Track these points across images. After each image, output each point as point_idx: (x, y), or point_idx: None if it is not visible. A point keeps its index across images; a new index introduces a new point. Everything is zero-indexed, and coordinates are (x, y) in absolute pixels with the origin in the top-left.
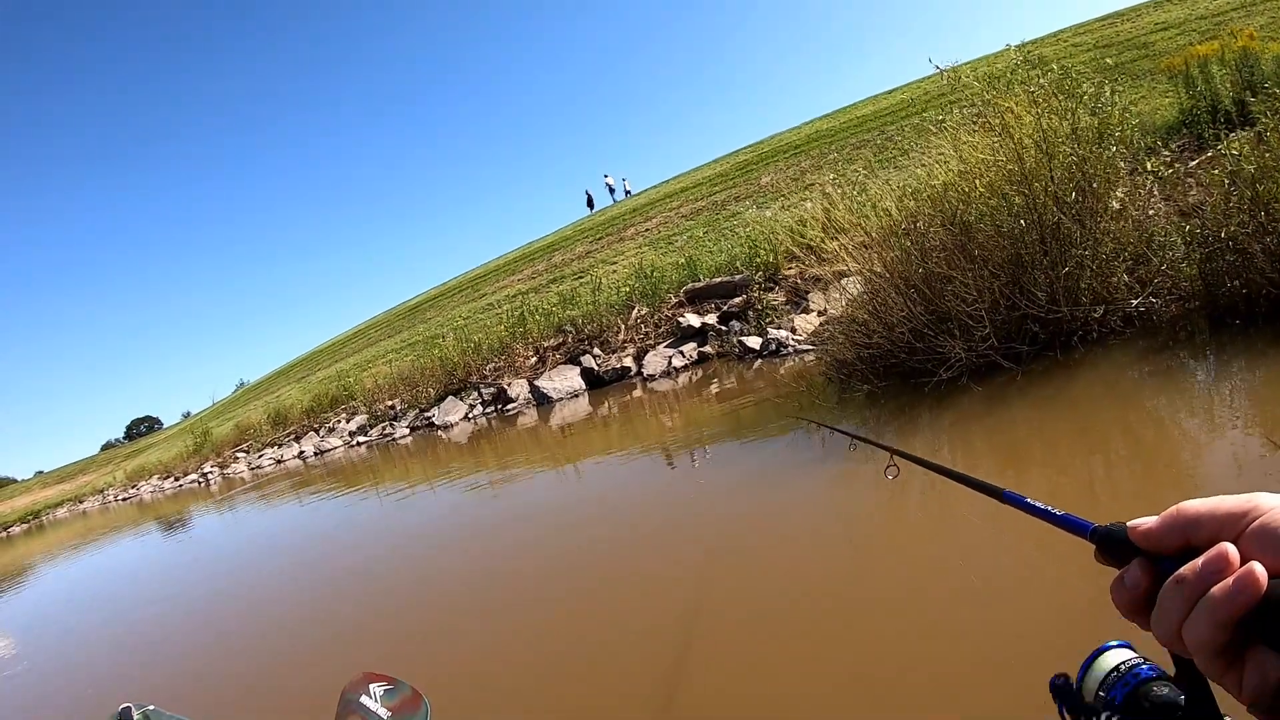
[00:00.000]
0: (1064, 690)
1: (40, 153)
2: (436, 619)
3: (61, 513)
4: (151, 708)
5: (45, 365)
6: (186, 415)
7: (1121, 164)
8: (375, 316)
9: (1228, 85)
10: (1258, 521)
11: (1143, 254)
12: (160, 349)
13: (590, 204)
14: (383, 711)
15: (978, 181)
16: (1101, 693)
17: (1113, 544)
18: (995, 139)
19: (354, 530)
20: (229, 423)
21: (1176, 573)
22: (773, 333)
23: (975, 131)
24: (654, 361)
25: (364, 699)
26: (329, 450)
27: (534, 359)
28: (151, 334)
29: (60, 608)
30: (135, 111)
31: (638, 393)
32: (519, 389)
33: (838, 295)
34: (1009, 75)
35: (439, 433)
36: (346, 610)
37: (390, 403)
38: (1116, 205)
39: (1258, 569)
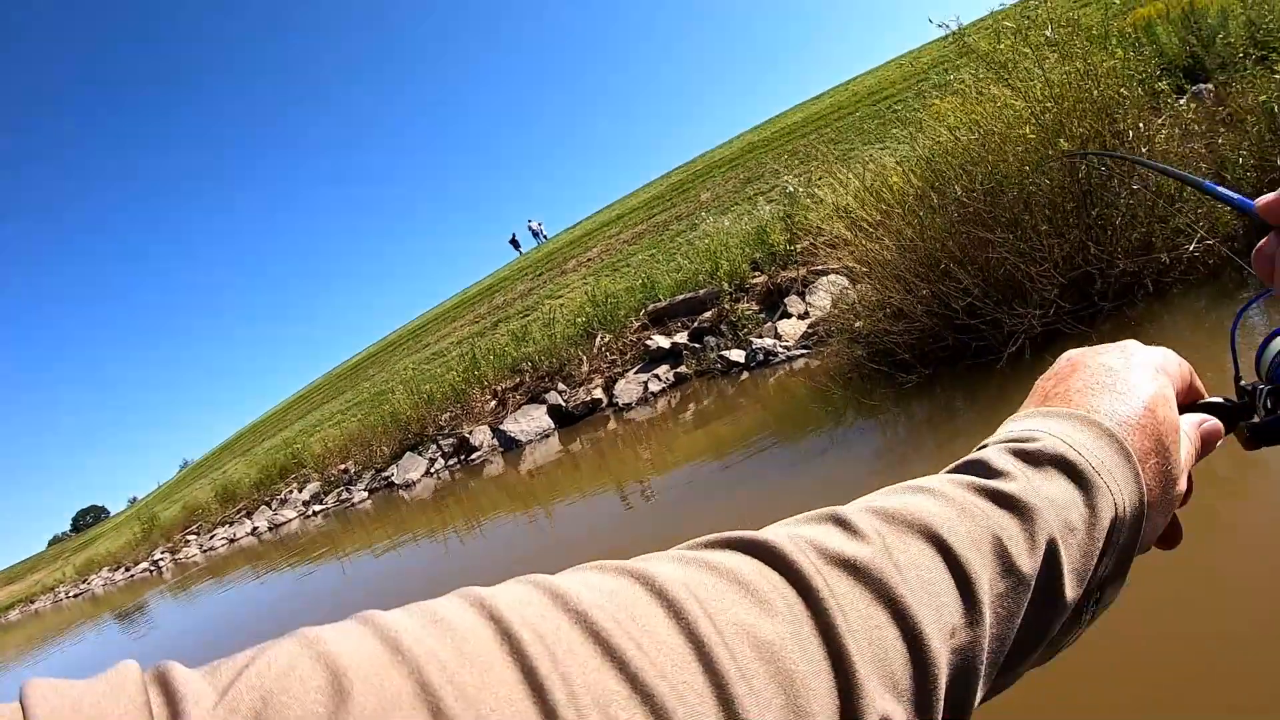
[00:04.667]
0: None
1: None
2: None
3: (14, 615)
4: None
5: None
6: (133, 501)
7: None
8: (315, 380)
9: (1174, 42)
10: None
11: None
12: (100, 437)
13: (516, 246)
14: None
15: (1024, 130)
16: (1270, 370)
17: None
18: (1015, 90)
19: (307, 607)
20: (176, 504)
21: None
22: (757, 343)
23: (992, 86)
24: (627, 389)
25: None
26: (283, 523)
27: (493, 403)
28: (90, 423)
29: None
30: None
31: (612, 425)
32: (481, 435)
33: (855, 286)
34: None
35: (400, 492)
36: None
37: (343, 466)
38: (1157, 146)
39: None
